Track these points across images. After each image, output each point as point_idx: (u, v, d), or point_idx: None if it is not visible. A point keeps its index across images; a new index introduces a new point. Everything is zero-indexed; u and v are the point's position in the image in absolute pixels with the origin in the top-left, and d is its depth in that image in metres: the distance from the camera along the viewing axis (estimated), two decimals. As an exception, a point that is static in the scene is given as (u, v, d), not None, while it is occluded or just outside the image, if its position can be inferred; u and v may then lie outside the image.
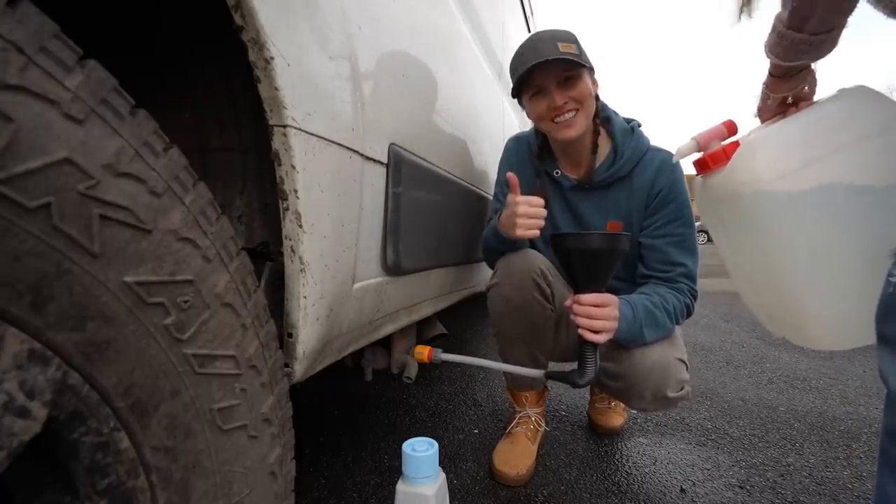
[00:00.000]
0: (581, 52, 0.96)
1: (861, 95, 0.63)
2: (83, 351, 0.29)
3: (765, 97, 0.70)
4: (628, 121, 1.11)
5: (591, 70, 1.00)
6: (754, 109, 0.74)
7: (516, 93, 1.04)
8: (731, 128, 0.75)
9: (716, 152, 0.71)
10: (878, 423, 1.36)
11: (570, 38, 0.97)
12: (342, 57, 0.55)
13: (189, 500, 0.36)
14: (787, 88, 0.66)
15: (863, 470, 1.11)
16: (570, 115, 0.97)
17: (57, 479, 0.30)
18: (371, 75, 0.62)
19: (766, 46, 0.63)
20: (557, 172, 1.10)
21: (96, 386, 0.30)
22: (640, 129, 1.09)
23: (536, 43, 0.97)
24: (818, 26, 0.55)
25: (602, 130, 1.06)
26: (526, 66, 0.94)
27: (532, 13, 2.75)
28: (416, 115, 0.80)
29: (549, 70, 0.95)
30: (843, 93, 0.64)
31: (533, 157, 1.14)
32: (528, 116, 1.07)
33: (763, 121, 0.73)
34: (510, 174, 0.96)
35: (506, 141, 1.23)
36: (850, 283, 0.63)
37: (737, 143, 0.70)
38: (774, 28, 0.59)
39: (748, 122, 0.79)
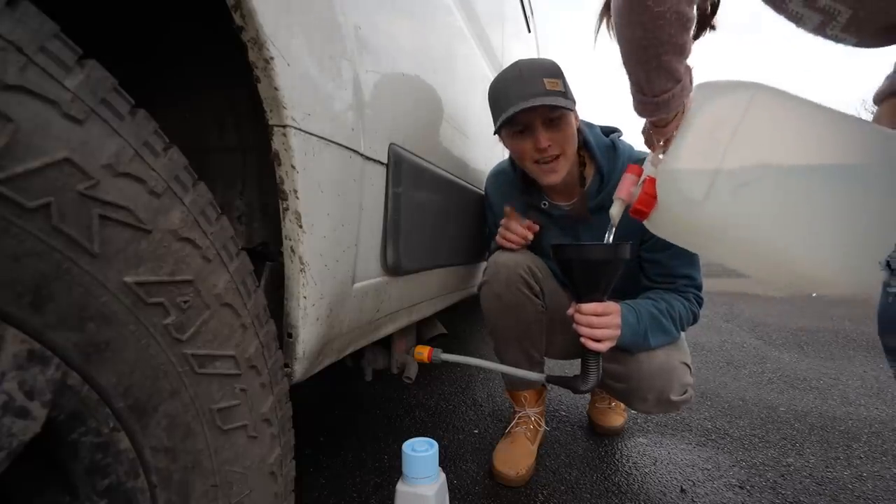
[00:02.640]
0: (566, 88, 0.94)
1: (711, 92, 0.68)
2: (83, 351, 0.29)
3: (649, 134, 0.74)
4: (607, 132, 1.08)
5: (574, 102, 0.98)
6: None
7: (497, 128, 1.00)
8: (637, 170, 0.81)
9: (641, 198, 0.74)
10: (880, 424, 1.36)
11: (556, 73, 0.94)
12: (342, 57, 0.55)
13: (189, 500, 0.36)
14: (671, 129, 0.70)
15: (863, 470, 1.11)
16: (554, 161, 0.96)
17: (57, 480, 0.30)
18: (371, 75, 0.62)
19: (634, 107, 0.68)
20: (545, 204, 1.08)
21: (96, 386, 0.30)
22: (622, 139, 1.06)
23: (522, 75, 0.94)
24: (654, 90, 0.61)
25: (585, 155, 1.04)
26: (511, 105, 0.91)
27: (532, 13, 2.75)
28: (416, 114, 0.80)
29: (535, 110, 0.93)
30: (697, 89, 0.68)
31: (517, 191, 1.12)
32: (509, 151, 1.05)
33: (653, 149, 0.77)
34: (506, 208, 1.05)
35: (486, 178, 1.22)
36: (827, 228, 0.65)
37: (652, 179, 0.74)
38: (640, 93, 0.64)
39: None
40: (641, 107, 0.65)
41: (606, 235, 0.85)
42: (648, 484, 1.05)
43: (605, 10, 0.75)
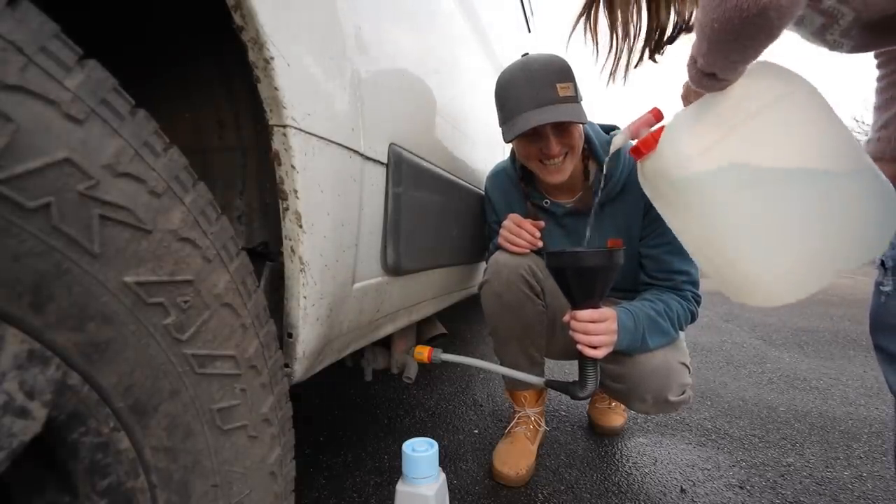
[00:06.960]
0: (577, 91, 0.94)
1: (762, 69, 0.66)
2: (83, 351, 0.29)
3: (688, 88, 0.73)
4: (607, 129, 1.08)
5: (582, 98, 0.98)
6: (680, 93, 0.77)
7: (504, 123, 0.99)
8: (657, 115, 0.80)
9: (646, 139, 0.75)
10: (880, 424, 1.36)
11: (567, 75, 0.93)
12: (342, 57, 0.55)
13: (189, 500, 0.36)
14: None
15: (863, 470, 1.11)
16: (559, 160, 0.95)
17: (57, 479, 0.30)
18: (371, 75, 0.62)
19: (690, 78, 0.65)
20: (547, 202, 1.08)
21: (96, 386, 0.30)
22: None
23: (533, 78, 0.92)
24: (727, 74, 0.61)
25: (587, 153, 1.04)
26: (523, 110, 0.91)
27: (532, 13, 2.75)
28: (416, 114, 0.80)
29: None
30: (755, 63, 0.67)
31: (518, 190, 1.12)
32: (515, 148, 1.05)
33: (686, 104, 0.76)
34: (513, 216, 1.05)
35: (485, 178, 1.22)
36: (786, 241, 0.66)
37: (663, 128, 0.74)
38: (693, 62, 0.62)
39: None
40: (698, 79, 0.64)
41: (605, 160, 0.87)
42: (648, 484, 1.05)
43: (586, 9, 0.76)
